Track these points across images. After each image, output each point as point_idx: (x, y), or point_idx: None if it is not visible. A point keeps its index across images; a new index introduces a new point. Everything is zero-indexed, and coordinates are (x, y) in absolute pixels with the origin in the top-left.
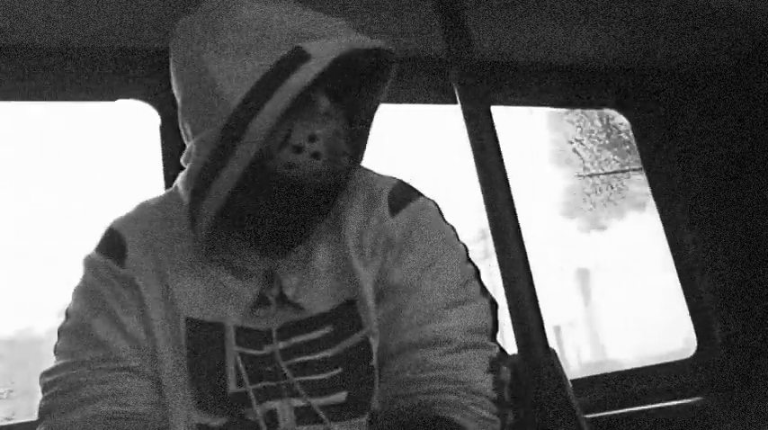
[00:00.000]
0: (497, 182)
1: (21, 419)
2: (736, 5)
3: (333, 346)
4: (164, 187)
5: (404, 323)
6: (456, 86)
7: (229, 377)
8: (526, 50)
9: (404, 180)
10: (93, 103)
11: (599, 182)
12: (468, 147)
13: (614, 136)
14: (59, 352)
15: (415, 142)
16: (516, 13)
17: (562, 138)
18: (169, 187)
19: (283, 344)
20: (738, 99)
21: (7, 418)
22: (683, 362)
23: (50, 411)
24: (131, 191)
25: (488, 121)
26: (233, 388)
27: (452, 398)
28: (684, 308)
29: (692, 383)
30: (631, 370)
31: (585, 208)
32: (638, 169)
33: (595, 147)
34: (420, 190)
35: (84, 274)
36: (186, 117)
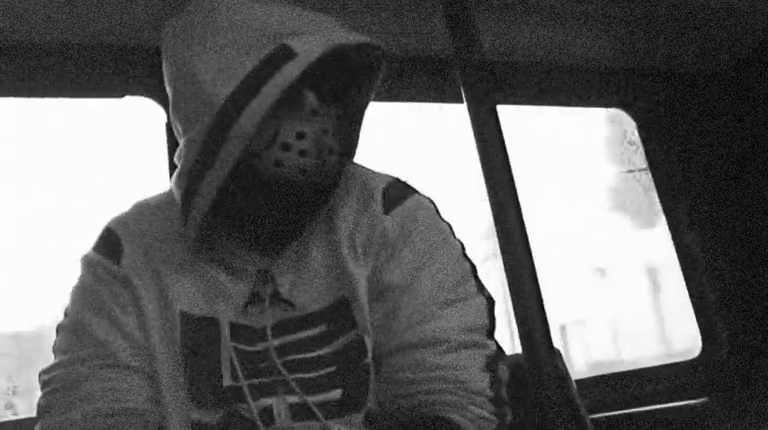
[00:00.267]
0: (502, 180)
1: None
2: (738, 6)
3: (327, 345)
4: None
5: (402, 322)
6: (461, 85)
7: (224, 371)
8: (532, 49)
9: (399, 178)
10: (100, 99)
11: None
12: (474, 146)
13: None
14: (58, 350)
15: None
16: (522, 13)
17: (620, 134)
18: None
19: (278, 342)
20: (742, 99)
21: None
22: (687, 362)
23: (49, 409)
24: (138, 187)
25: (494, 120)
26: (228, 382)
27: (451, 398)
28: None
29: (696, 384)
30: (635, 370)
31: (637, 204)
32: None
33: None
34: (415, 187)
35: (82, 274)
36: (176, 117)
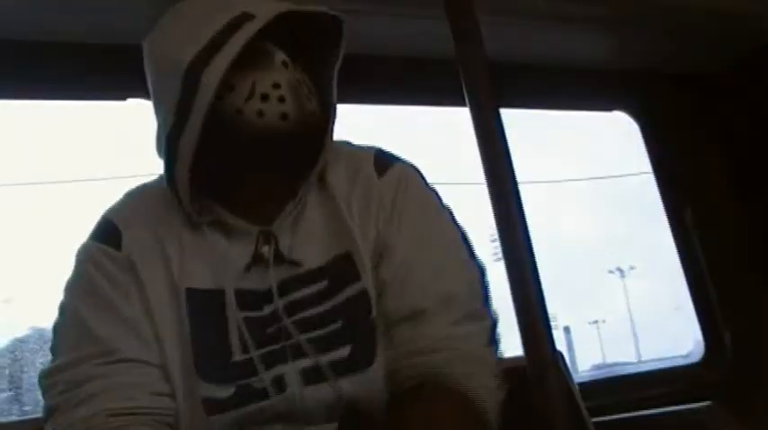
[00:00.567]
0: (506, 184)
1: None
2: (741, 6)
3: (331, 299)
4: None
5: (411, 290)
6: (464, 88)
7: (233, 345)
8: (535, 52)
9: (382, 148)
10: (103, 102)
11: None
12: (477, 150)
13: None
14: (57, 351)
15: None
16: (524, 15)
17: None
18: None
19: (283, 302)
20: (746, 100)
21: None
22: (690, 366)
23: (56, 410)
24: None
25: (498, 124)
26: (238, 356)
27: (462, 369)
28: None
29: (700, 387)
30: (638, 373)
31: None
32: None
33: None
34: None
35: (77, 266)
36: (154, 102)
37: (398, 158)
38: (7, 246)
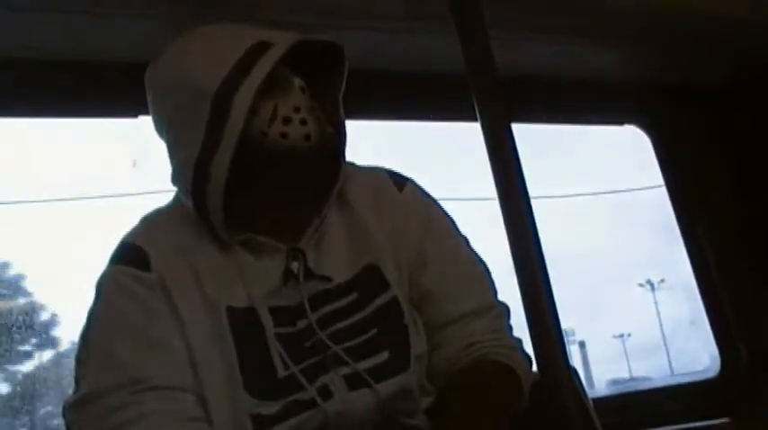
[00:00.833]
0: (518, 199)
1: None
2: (752, 19)
3: (362, 310)
4: None
5: (454, 297)
6: (476, 103)
7: (275, 361)
8: (546, 67)
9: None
10: (114, 119)
11: None
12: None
13: None
14: (83, 382)
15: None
16: (537, 31)
17: None
18: None
19: (315, 316)
20: (759, 115)
21: None
22: (706, 381)
23: None
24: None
25: (509, 138)
26: (281, 372)
27: (502, 351)
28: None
29: (717, 403)
30: (654, 388)
31: None
32: None
33: None
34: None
35: (101, 294)
36: (169, 126)
37: (407, 177)
38: (48, 260)
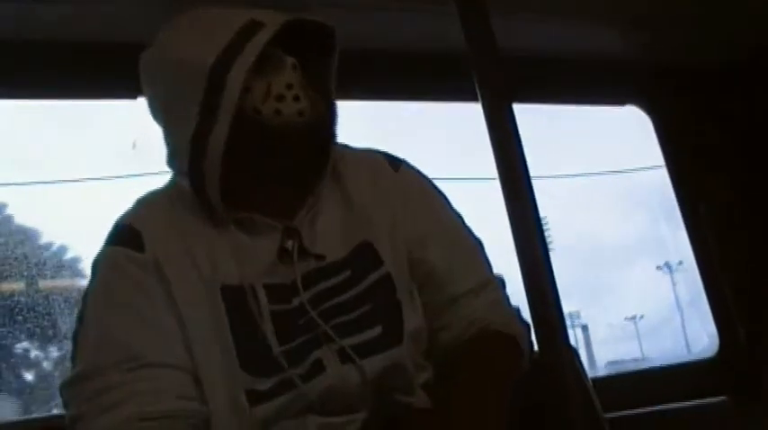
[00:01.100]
0: (519, 180)
1: None
2: (758, 2)
3: (356, 286)
4: None
5: (457, 274)
6: (477, 84)
7: (270, 338)
8: (546, 47)
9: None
10: (113, 101)
11: None
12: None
13: None
14: (78, 360)
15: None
16: (536, 9)
17: None
18: None
19: (309, 294)
20: (761, 97)
21: None
22: (704, 361)
23: (80, 419)
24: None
25: (510, 119)
26: (276, 348)
27: (501, 319)
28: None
29: (714, 383)
30: (652, 368)
31: None
32: None
33: None
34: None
35: (97, 274)
36: (165, 105)
37: (402, 158)
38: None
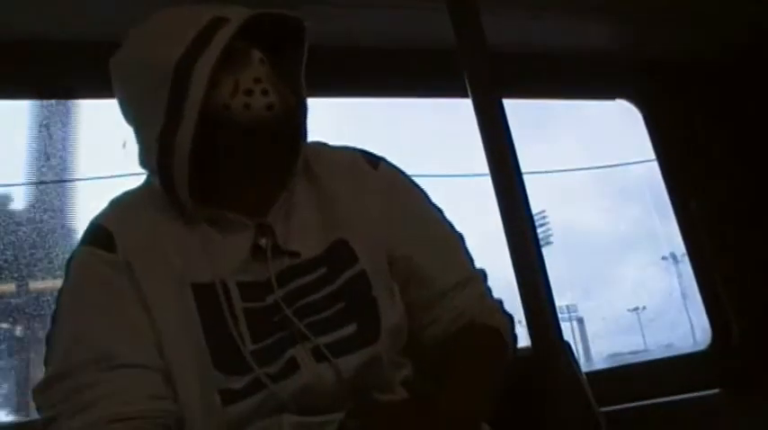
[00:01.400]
0: (510, 175)
1: None
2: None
3: (331, 284)
4: None
5: (431, 272)
6: (467, 79)
7: (244, 336)
8: (535, 41)
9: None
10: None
11: None
12: (480, 141)
13: None
14: (51, 362)
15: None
16: (526, 5)
17: None
18: None
19: (283, 292)
20: (751, 89)
21: None
22: (697, 354)
23: (54, 420)
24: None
25: (500, 114)
26: (250, 346)
27: (488, 312)
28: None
29: (708, 375)
30: (646, 362)
31: None
32: None
33: None
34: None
35: (69, 274)
36: (134, 106)
37: (380, 155)
38: None
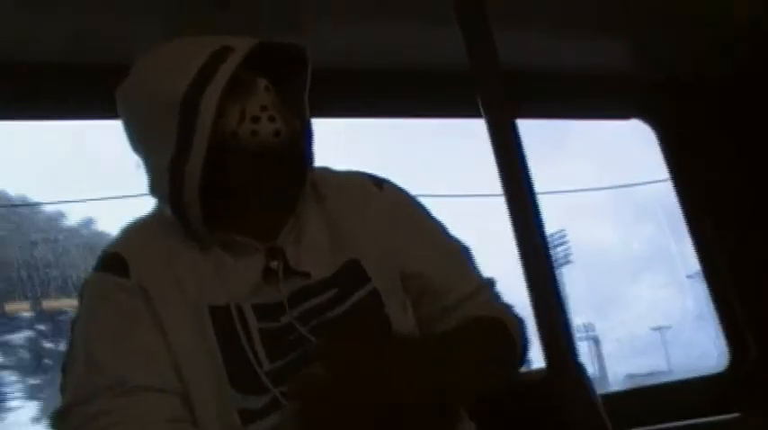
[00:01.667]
0: (523, 196)
1: None
2: (759, 14)
3: (343, 303)
4: None
5: (442, 286)
6: (480, 99)
7: (261, 356)
8: (550, 61)
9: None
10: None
11: None
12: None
13: None
14: (67, 389)
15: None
16: (540, 25)
17: None
18: None
19: (296, 311)
20: (765, 108)
21: None
22: (715, 376)
23: None
24: None
25: (514, 134)
26: (267, 366)
27: (496, 309)
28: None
29: (727, 398)
30: (664, 384)
31: None
32: None
33: None
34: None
35: (85, 300)
36: (144, 137)
37: (384, 177)
38: None
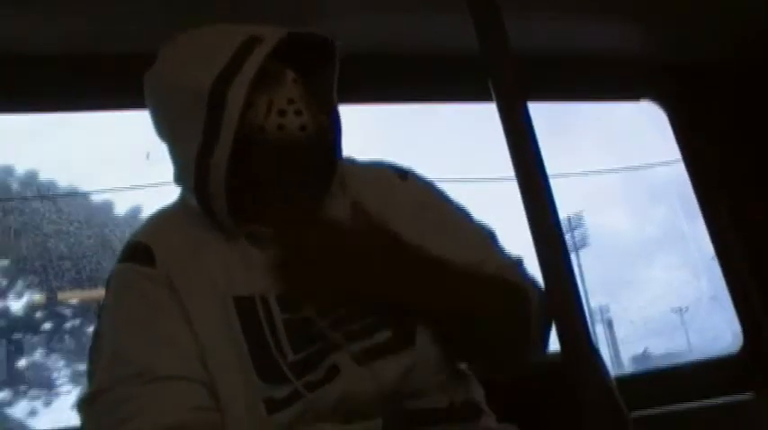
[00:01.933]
0: (536, 179)
1: None
2: None
3: None
4: None
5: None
6: (491, 83)
7: (285, 346)
8: (561, 43)
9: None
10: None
11: None
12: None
13: None
14: (94, 376)
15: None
16: (550, 7)
17: None
18: None
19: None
20: None
21: None
22: (729, 357)
23: None
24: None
25: (525, 118)
26: (291, 356)
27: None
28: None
29: (740, 379)
30: (676, 366)
31: None
32: None
33: None
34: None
35: (112, 289)
36: (169, 127)
37: (407, 167)
38: None
